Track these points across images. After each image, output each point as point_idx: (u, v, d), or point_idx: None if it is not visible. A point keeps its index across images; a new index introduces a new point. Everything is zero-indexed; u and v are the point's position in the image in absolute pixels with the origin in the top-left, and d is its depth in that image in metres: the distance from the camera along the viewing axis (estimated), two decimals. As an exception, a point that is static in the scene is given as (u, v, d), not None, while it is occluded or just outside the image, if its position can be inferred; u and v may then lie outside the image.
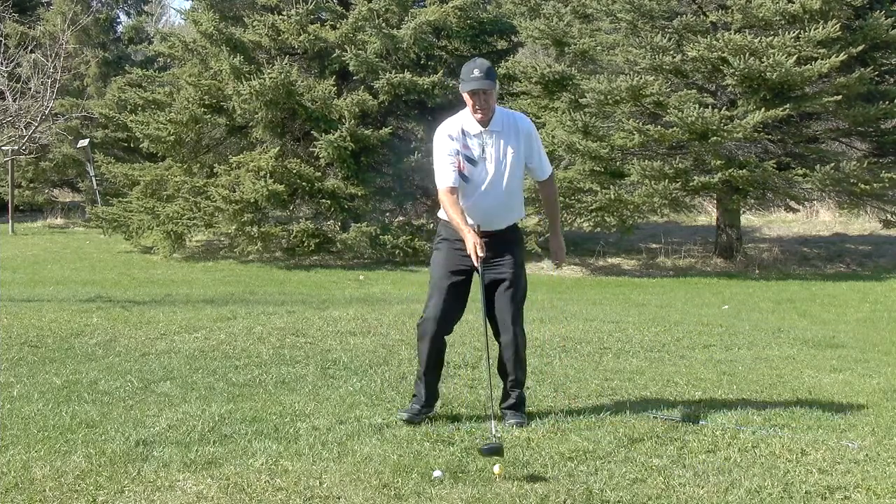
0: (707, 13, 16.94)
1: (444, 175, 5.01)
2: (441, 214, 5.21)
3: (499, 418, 5.11)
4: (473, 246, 4.83)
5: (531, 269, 17.69)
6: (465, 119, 5.07)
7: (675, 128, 15.45)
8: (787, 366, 7.16)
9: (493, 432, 4.61)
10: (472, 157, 5.01)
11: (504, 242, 5.08)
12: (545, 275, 17.41)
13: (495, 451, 4.27)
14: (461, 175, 5.02)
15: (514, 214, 5.19)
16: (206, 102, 18.69)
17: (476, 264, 4.88)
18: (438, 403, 5.27)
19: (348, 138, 17.39)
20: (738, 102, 16.18)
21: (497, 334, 5.10)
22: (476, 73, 4.94)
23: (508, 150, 5.03)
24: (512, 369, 5.10)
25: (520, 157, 5.08)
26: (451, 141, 5.02)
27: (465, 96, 5.01)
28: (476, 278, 5.05)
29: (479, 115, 4.99)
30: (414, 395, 5.20)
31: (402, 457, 4.44)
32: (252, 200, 17.22)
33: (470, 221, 4.99)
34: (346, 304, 10.91)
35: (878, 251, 19.02)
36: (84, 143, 24.65)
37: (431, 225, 17.91)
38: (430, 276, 5.19)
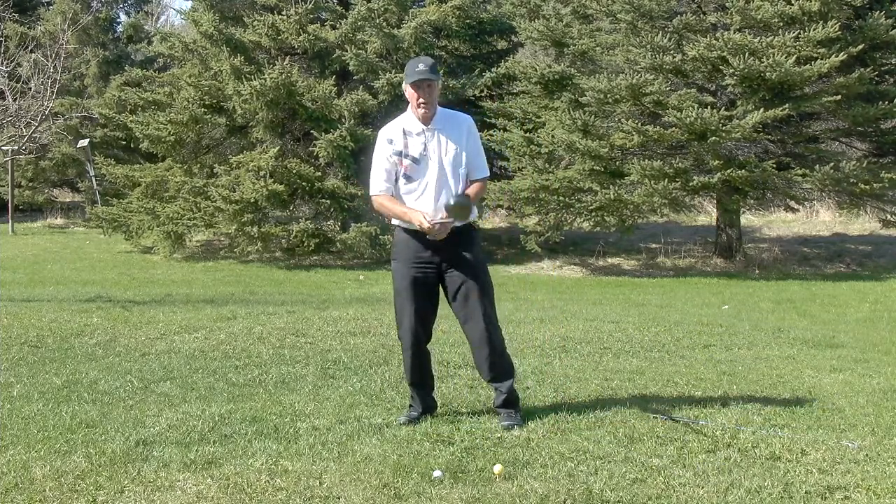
0: (706, 13, 16.95)
1: (376, 182, 5.10)
2: (394, 220, 5.17)
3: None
4: (422, 216, 4.91)
5: (531, 269, 17.80)
6: (406, 120, 5.09)
7: (674, 128, 15.46)
8: (787, 366, 7.16)
9: None
10: (415, 156, 5.02)
11: (459, 243, 5.05)
12: (545, 275, 17.42)
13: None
14: (405, 176, 5.04)
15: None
16: (207, 103, 18.70)
17: (427, 228, 4.92)
18: (437, 411, 5.26)
19: (348, 138, 17.39)
20: (738, 102, 16.17)
21: (470, 334, 5.09)
22: (421, 66, 4.98)
23: (450, 146, 5.03)
24: (492, 363, 5.08)
25: (462, 153, 5.07)
26: (390, 145, 5.04)
27: (409, 91, 5.03)
28: (440, 281, 5.08)
29: (422, 110, 4.99)
30: (410, 406, 5.22)
31: (402, 457, 4.44)
32: (252, 200, 17.22)
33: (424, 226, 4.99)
34: (346, 304, 10.91)
35: (878, 251, 19.02)
36: (84, 143, 24.67)
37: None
38: (393, 287, 5.16)
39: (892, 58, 17.38)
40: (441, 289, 5.14)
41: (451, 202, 4.93)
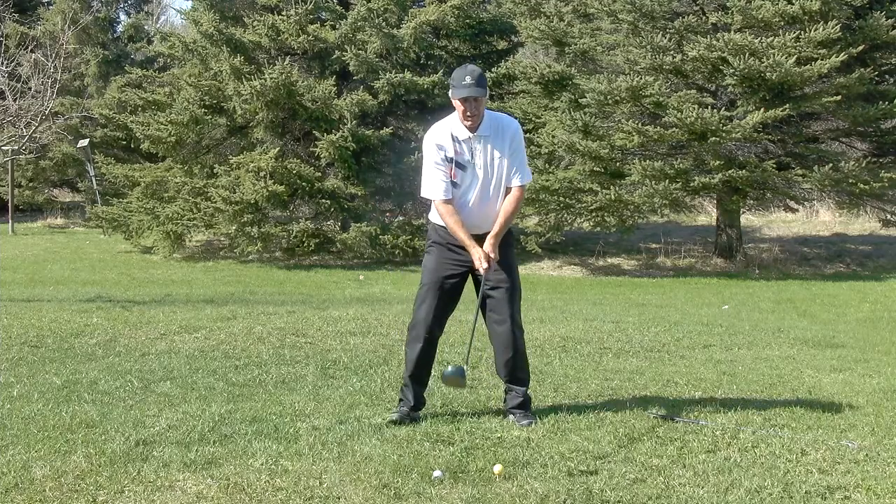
0: (707, 14, 16.95)
1: (435, 187, 5.02)
2: (432, 217, 5.21)
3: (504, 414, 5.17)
4: (479, 259, 4.90)
5: (531, 269, 17.79)
6: (453, 124, 5.04)
7: (674, 128, 15.46)
8: (787, 366, 7.16)
9: (466, 367, 4.92)
10: (462, 163, 5.01)
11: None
12: (545, 275, 17.42)
13: (457, 372, 4.53)
14: (452, 182, 5.01)
15: None
16: (207, 103, 18.71)
17: (482, 271, 4.93)
18: (427, 410, 5.26)
19: (349, 138, 17.40)
20: (738, 103, 16.17)
21: (498, 336, 5.10)
22: (468, 79, 4.90)
23: (496, 153, 5.02)
24: (514, 366, 5.11)
25: (504, 162, 5.06)
26: (440, 150, 5.00)
27: (456, 102, 4.97)
28: (468, 279, 5.12)
29: (468, 122, 4.97)
30: (401, 400, 5.20)
31: (402, 457, 4.44)
32: (252, 201, 17.23)
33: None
34: (346, 304, 10.91)
35: (878, 251, 19.02)
36: (84, 143, 24.68)
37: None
38: (420, 279, 5.18)
39: (892, 58, 17.39)
40: (466, 286, 5.15)
41: (447, 371, 4.97)
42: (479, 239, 5.00)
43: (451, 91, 5.01)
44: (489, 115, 5.06)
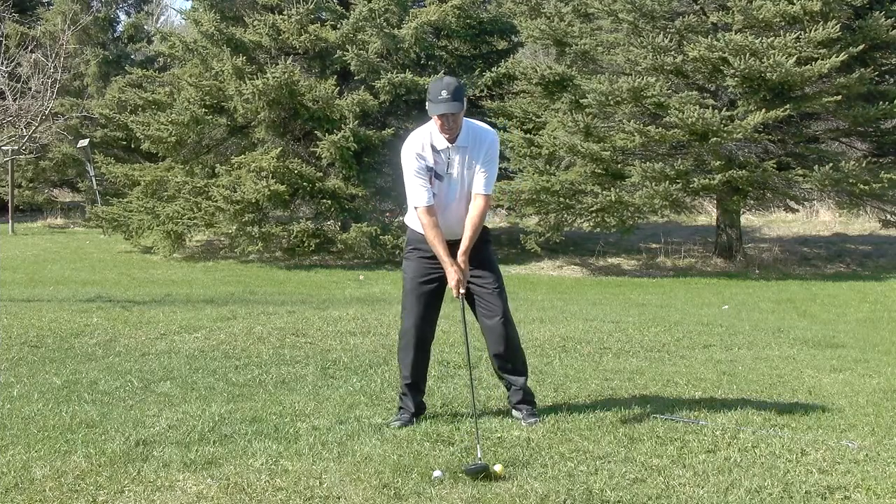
0: (708, 13, 16.94)
1: (417, 194, 5.00)
2: (408, 222, 5.21)
3: (507, 413, 5.16)
4: (456, 283, 4.91)
5: (531, 268, 17.80)
6: (432, 133, 5.02)
7: (675, 129, 15.45)
8: (787, 366, 7.16)
9: (479, 455, 4.41)
10: (440, 173, 5.01)
11: (473, 246, 5.06)
12: (545, 275, 17.42)
13: (480, 470, 4.19)
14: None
15: None
16: (207, 103, 18.70)
17: (456, 296, 4.95)
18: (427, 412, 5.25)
19: (350, 138, 17.40)
20: (739, 103, 16.17)
21: (489, 331, 5.10)
22: (444, 94, 4.85)
23: (473, 163, 5.01)
24: (507, 357, 5.11)
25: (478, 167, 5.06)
26: (420, 160, 4.99)
27: (433, 116, 4.95)
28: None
29: (446, 135, 4.95)
30: (401, 408, 5.18)
31: (402, 457, 4.44)
32: (253, 200, 17.23)
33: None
34: (346, 304, 10.91)
35: (878, 251, 19.02)
36: (84, 143, 24.68)
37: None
38: (402, 286, 5.19)
39: (892, 58, 17.38)
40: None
41: (469, 467, 4.26)
42: (457, 244, 5.00)
43: (427, 105, 4.96)
44: (467, 126, 5.02)
